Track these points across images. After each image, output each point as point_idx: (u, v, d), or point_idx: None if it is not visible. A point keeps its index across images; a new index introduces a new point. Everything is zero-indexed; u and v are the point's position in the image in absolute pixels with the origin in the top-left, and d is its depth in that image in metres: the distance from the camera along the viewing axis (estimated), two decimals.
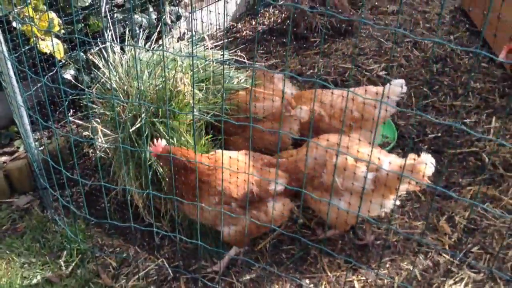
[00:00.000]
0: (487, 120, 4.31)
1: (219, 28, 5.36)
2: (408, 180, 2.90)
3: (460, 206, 3.63)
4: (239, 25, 5.97)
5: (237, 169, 2.94)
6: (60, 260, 3.37)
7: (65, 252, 3.41)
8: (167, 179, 3.24)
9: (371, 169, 2.90)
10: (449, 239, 3.40)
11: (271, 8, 6.14)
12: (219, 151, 3.11)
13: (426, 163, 2.84)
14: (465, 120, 4.33)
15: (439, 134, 4.21)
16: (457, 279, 3.17)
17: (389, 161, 3.00)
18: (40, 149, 3.51)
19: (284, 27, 5.70)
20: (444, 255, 3.32)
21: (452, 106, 4.49)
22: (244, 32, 5.83)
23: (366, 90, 3.59)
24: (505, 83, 4.63)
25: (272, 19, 6.00)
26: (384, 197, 2.99)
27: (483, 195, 3.68)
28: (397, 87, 3.41)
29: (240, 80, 3.84)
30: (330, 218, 3.08)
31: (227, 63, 3.58)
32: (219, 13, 5.26)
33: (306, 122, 3.63)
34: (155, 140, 2.95)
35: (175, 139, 3.28)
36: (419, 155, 2.90)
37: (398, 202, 3.25)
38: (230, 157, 3.03)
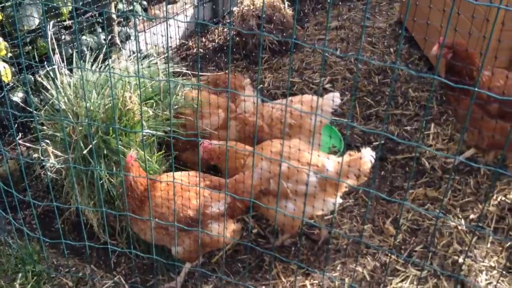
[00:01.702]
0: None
1: (170, 46, 5.46)
2: (348, 174, 3.13)
3: (404, 208, 3.84)
4: (190, 43, 6.09)
5: (175, 193, 2.89)
6: (15, 283, 3.34)
7: (20, 275, 3.38)
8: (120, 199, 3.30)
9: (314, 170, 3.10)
10: (394, 240, 3.60)
11: (220, 26, 6.30)
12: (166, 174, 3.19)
13: (365, 156, 3.08)
14: (406, 127, 4.59)
15: (382, 142, 4.44)
16: (403, 277, 3.36)
17: (330, 161, 3.23)
18: None
19: (234, 46, 5.85)
20: (390, 255, 3.51)
21: (394, 114, 4.74)
22: (195, 50, 5.95)
23: (302, 99, 3.81)
24: (442, 91, 4.93)
25: (222, 37, 6.16)
26: (327, 195, 3.18)
27: (424, 197, 3.92)
28: (329, 99, 3.66)
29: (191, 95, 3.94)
30: (278, 222, 3.25)
31: (173, 81, 3.69)
32: (170, 37, 5.35)
33: (248, 124, 3.79)
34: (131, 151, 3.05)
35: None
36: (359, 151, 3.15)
37: (340, 201, 3.40)
38: (165, 181, 3.06)
